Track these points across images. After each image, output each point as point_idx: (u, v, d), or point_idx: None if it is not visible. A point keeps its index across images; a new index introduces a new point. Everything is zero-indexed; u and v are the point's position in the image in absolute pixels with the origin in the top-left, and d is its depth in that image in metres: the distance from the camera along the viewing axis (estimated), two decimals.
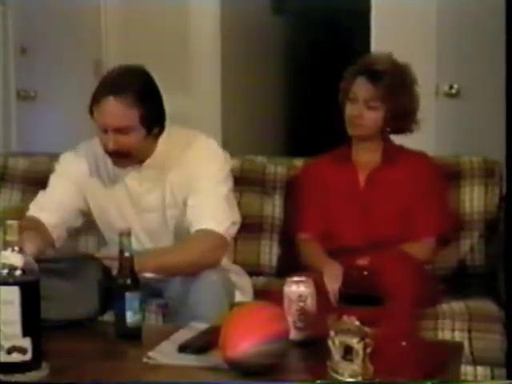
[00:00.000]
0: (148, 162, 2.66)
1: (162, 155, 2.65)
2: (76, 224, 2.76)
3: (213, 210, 2.58)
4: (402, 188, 2.90)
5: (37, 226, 2.60)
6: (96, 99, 2.54)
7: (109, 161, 2.68)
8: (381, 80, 2.85)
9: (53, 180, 2.75)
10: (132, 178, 2.69)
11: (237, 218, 2.68)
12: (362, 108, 2.87)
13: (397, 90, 2.86)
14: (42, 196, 2.74)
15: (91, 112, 2.56)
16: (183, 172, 2.64)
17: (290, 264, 2.95)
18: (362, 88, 2.88)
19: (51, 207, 2.68)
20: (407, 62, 2.93)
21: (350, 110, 2.91)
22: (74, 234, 2.89)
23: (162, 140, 2.66)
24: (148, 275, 2.65)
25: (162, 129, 2.63)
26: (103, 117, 2.52)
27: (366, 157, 2.96)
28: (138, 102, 2.52)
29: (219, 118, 4.58)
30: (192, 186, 2.61)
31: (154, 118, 2.58)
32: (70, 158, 2.77)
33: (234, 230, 2.66)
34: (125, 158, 2.58)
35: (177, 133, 2.70)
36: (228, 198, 2.65)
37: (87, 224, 2.83)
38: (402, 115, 2.90)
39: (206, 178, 2.61)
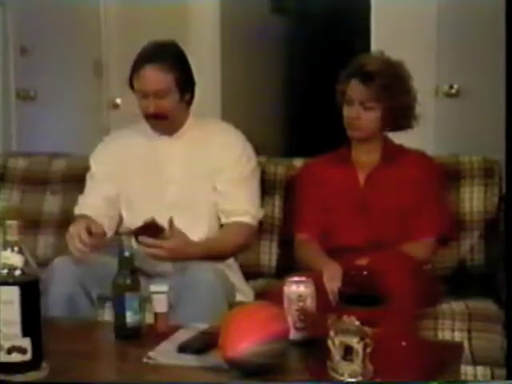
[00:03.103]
0: (178, 133, 2.90)
1: (191, 129, 2.90)
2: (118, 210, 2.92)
3: (249, 202, 2.87)
4: (401, 188, 2.90)
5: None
6: (135, 69, 2.81)
7: (140, 134, 2.91)
8: (373, 81, 2.85)
9: (88, 183, 2.95)
10: (161, 146, 2.89)
11: (262, 210, 2.97)
12: (358, 109, 2.88)
13: (391, 88, 2.86)
14: (81, 199, 2.93)
15: (131, 84, 2.83)
16: (210, 152, 2.87)
17: (290, 264, 2.96)
18: (355, 90, 2.88)
19: (93, 204, 2.87)
20: (401, 59, 2.93)
21: (347, 112, 2.91)
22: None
23: (192, 117, 2.93)
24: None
25: (192, 96, 2.90)
26: (143, 83, 2.79)
27: (366, 157, 2.96)
28: (172, 68, 2.80)
29: (219, 118, 4.57)
30: (224, 173, 2.85)
31: (186, 83, 2.86)
32: (99, 154, 2.98)
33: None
34: (162, 120, 2.83)
35: (206, 118, 3.00)
36: (258, 191, 2.94)
37: None
38: (399, 112, 2.90)
39: (239, 168, 2.87)
